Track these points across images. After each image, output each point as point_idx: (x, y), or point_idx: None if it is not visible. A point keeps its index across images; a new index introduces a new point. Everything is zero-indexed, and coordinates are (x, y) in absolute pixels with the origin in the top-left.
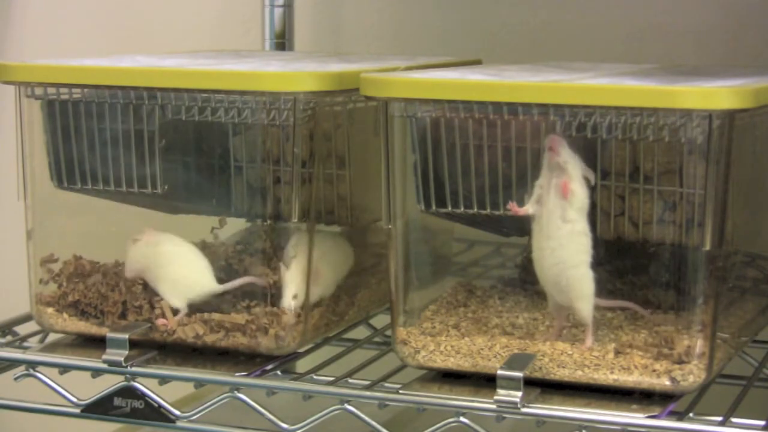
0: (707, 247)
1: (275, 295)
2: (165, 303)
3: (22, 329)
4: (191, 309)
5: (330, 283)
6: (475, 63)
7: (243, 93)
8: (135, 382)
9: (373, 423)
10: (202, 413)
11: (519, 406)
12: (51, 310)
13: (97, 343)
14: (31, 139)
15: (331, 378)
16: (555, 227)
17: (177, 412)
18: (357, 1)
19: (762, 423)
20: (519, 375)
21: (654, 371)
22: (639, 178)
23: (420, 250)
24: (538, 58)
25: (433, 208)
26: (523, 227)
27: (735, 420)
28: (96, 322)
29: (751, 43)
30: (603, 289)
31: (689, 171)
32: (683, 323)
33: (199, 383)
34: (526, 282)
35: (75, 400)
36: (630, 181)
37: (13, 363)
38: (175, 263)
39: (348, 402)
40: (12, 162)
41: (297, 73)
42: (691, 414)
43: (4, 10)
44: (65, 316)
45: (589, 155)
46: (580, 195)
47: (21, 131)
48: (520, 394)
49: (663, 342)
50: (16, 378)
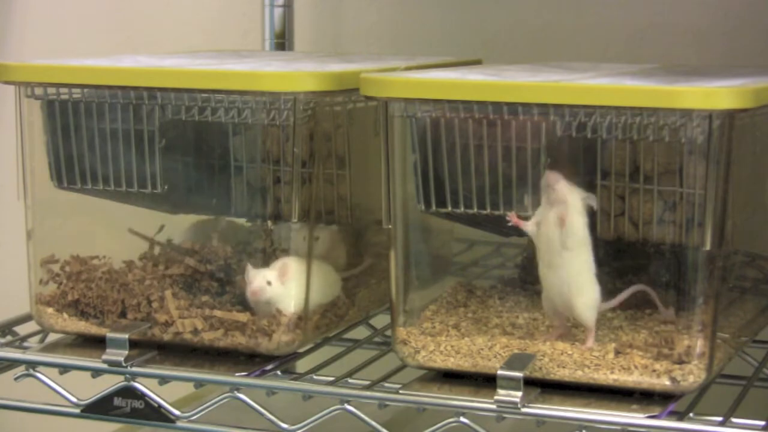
0: (707, 247)
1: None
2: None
3: (22, 329)
4: None
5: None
6: (475, 63)
7: (243, 93)
8: (135, 382)
9: (373, 423)
10: (202, 413)
11: (519, 406)
12: (51, 310)
13: (97, 343)
14: (31, 139)
15: (331, 378)
16: (556, 253)
17: (177, 412)
18: (357, 1)
19: (762, 423)
20: (519, 375)
21: (654, 371)
22: (639, 178)
23: (420, 250)
24: (538, 58)
25: (433, 208)
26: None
27: (735, 420)
28: (96, 321)
29: (751, 43)
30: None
31: (689, 171)
32: (683, 323)
33: (199, 383)
34: (526, 282)
35: (75, 400)
36: (630, 181)
37: (13, 363)
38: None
39: (348, 402)
40: (12, 162)
41: (297, 73)
42: (691, 414)
43: (4, 10)
44: (65, 316)
45: (589, 155)
46: (578, 225)
47: (21, 131)
48: (520, 394)
49: (663, 342)
50: (16, 378)
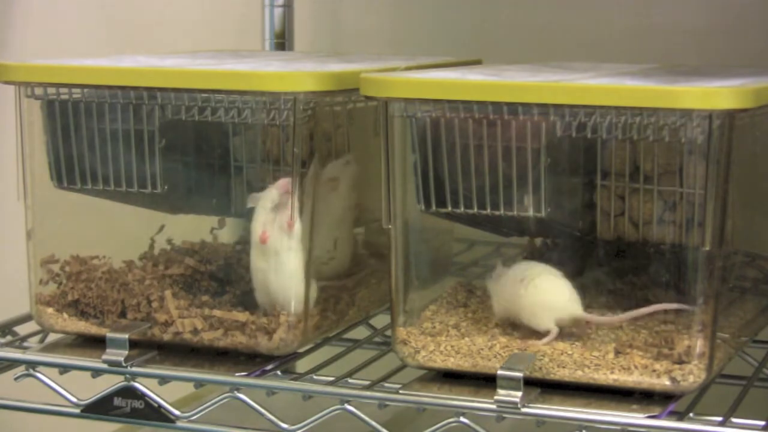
0: (707, 247)
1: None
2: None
3: (22, 329)
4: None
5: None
6: (475, 63)
7: (243, 93)
8: (135, 382)
9: (373, 423)
10: (202, 413)
11: (519, 406)
12: (51, 310)
13: (97, 343)
14: (31, 139)
15: (331, 378)
16: None
17: (177, 412)
18: (357, 1)
19: (762, 423)
20: (519, 375)
21: (654, 371)
22: (639, 178)
23: (420, 250)
24: (538, 58)
25: (433, 208)
26: (523, 227)
27: (735, 420)
28: (96, 321)
29: (751, 43)
30: (603, 290)
31: (689, 171)
32: (683, 323)
33: (199, 383)
34: None
35: (75, 400)
36: (630, 181)
37: (13, 363)
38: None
39: (348, 402)
40: (12, 162)
41: (297, 73)
42: (691, 414)
43: (4, 10)
44: (65, 316)
45: (589, 155)
46: None
47: (21, 131)
48: (520, 394)
49: (663, 342)
50: (16, 378)
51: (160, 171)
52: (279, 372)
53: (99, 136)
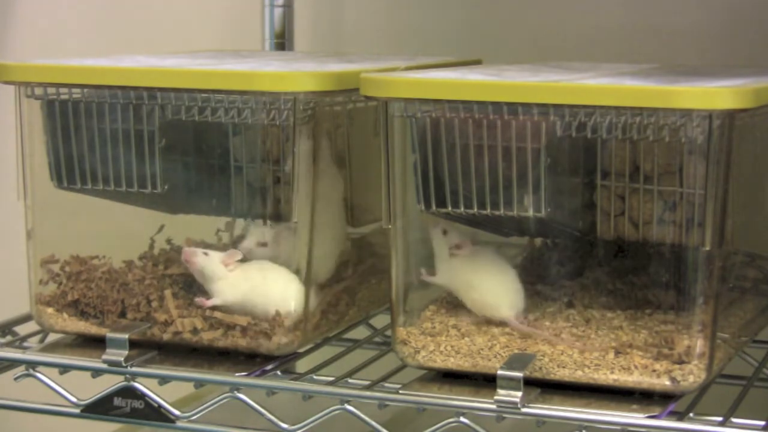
0: (707, 247)
1: None
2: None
3: (22, 329)
4: None
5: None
6: (475, 63)
7: (243, 93)
8: (135, 382)
9: (373, 423)
10: (202, 413)
11: (519, 406)
12: (51, 310)
13: (97, 343)
14: (31, 139)
15: (331, 378)
16: None
17: (177, 412)
18: (357, 1)
19: (762, 423)
20: (519, 375)
21: (654, 371)
22: (639, 178)
23: (420, 250)
24: (538, 58)
25: (433, 208)
26: (523, 227)
27: (735, 420)
28: (96, 321)
29: (751, 43)
30: (603, 290)
31: (689, 171)
32: (683, 323)
33: (199, 383)
34: (526, 282)
35: (75, 400)
36: (630, 181)
37: (13, 363)
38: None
39: (348, 402)
40: (12, 162)
41: (297, 73)
42: (691, 414)
43: (4, 10)
44: (65, 316)
45: (589, 155)
46: None
47: (21, 131)
48: (520, 394)
49: (663, 342)
50: (16, 378)
51: (160, 171)
52: (279, 372)
53: (99, 136)
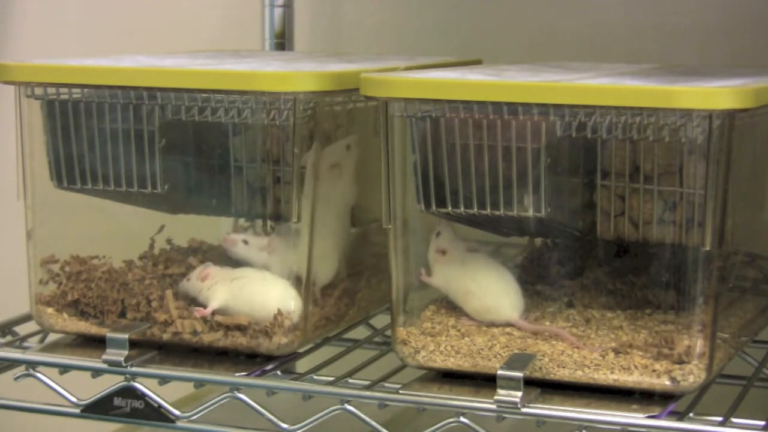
0: (707, 247)
1: None
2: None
3: (22, 329)
4: None
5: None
6: (475, 63)
7: (243, 93)
8: (135, 382)
9: (373, 423)
10: (202, 413)
11: (519, 406)
12: (51, 310)
13: (97, 343)
14: (31, 139)
15: (331, 378)
16: None
17: (177, 412)
18: (357, 1)
19: (762, 423)
20: (519, 375)
21: (654, 371)
22: (639, 178)
23: (420, 250)
24: (538, 58)
25: (433, 208)
26: (523, 227)
27: (735, 420)
28: (96, 321)
29: (751, 43)
30: (603, 290)
31: (689, 171)
32: (683, 323)
33: (199, 383)
34: (526, 282)
35: (75, 400)
36: (630, 181)
37: (13, 363)
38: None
39: (348, 402)
40: (12, 162)
41: (297, 73)
42: (691, 414)
43: (4, 10)
44: (65, 316)
45: (589, 155)
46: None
47: (21, 131)
48: (520, 394)
49: (663, 342)
50: (16, 378)
51: (160, 171)
52: (279, 372)
53: (99, 136)
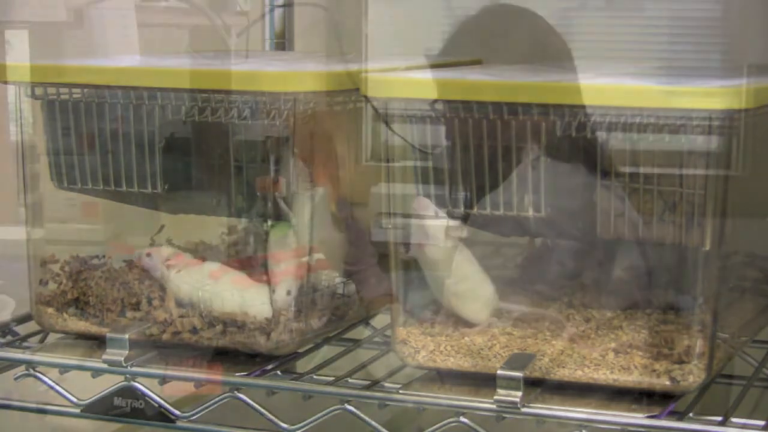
0: (707, 247)
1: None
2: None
3: (22, 329)
4: None
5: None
6: (475, 63)
7: (243, 93)
8: (135, 382)
9: (373, 423)
10: (202, 413)
11: (519, 406)
12: (51, 309)
13: (97, 343)
14: (31, 139)
15: (331, 378)
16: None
17: (177, 412)
18: (357, 1)
19: (762, 423)
20: (519, 375)
21: (654, 371)
22: (639, 178)
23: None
24: (537, 58)
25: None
26: (523, 227)
27: (735, 420)
28: (96, 321)
29: (751, 43)
30: (603, 290)
31: (689, 171)
32: (683, 323)
33: (199, 383)
34: (526, 282)
35: (75, 400)
36: (630, 181)
37: (13, 363)
38: None
39: (348, 402)
40: (12, 162)
41: (297, 73)
42: (691, 414)
43: (4, 10)
44: (65, 315)
45: (589, 155)
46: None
47: (21, 131)
48: (520, 394)
49: (663, 342)
50: (16, 378)
51: (160, 171)
52: (279, 372)
53: (99, 136)
